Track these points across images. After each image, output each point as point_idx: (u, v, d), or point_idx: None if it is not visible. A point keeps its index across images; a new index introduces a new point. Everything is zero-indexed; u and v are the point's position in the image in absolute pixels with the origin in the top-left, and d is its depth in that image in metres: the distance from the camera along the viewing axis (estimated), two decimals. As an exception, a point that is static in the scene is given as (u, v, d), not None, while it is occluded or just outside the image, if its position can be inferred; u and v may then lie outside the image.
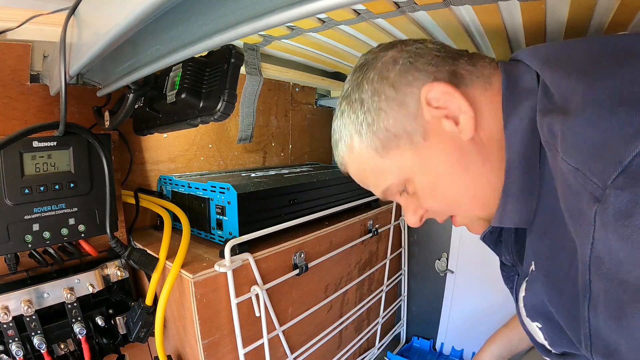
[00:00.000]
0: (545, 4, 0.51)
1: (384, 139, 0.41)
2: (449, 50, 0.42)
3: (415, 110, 0.40)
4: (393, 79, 0.40)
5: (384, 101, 0.41)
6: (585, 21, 0.57)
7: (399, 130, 0.40)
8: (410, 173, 0.42)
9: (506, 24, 0.61)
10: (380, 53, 0.43)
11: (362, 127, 0.42)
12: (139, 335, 0.62)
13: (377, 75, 0.41)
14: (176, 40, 0.33)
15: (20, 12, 0.51)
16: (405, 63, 0.40)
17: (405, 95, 0.40)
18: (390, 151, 0.41)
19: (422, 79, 0.39)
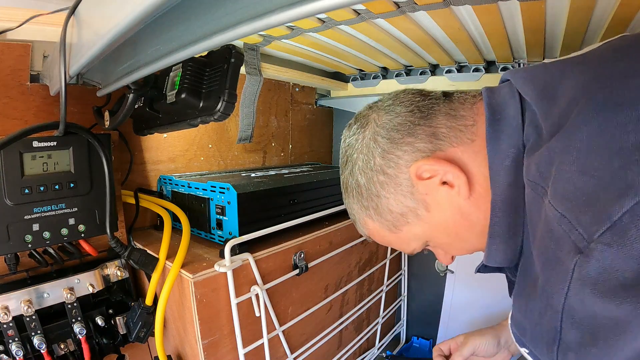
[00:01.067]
0: (545, 4, 0.51)
1: (392, 219, 0.44)
2: (423, 108, 0.42)
3: (410, 187, 0.41)
4: (380, 165, 0.42)
5: (380, 186, 0.43)
6: (585, 21, 0.57)
7: (402, 208, 0.43)
8: (426, 237, 0.45)
9: (506, 24, 0.61)
10: (360, 134, 0.45)
11: (370, 211, 0.45)
12: (139, 335, 0.62)
13: (363, 162, 0.44)
14: (176, 40, 0.33)
15: (20, 12, 0.51)
16: (384, 142, 0.42)
17: (396, 177, 0.42)
18: (402, 227, 0.44)
19: (406, 156, 0.41)
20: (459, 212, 0.41)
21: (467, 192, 0.39)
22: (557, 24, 0.59)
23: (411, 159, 0.41)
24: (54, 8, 0.51)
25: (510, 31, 0.64)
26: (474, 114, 0.41)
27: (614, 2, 0.49)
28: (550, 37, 0.66)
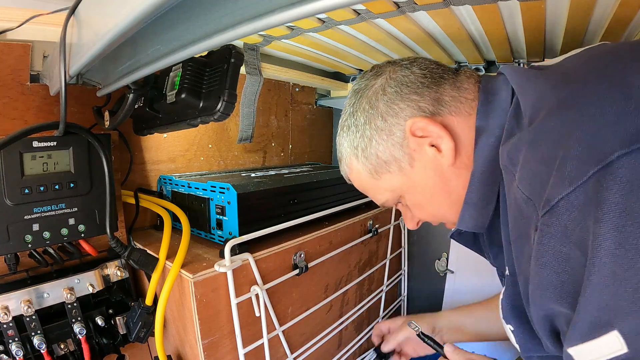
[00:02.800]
0: (545, 4, 0.51)
1: (375, 164, 0.47)
2: (435, 74, 0.45)
3: (402, 140, 0.44)
4: (382, 110, 0.45)
5: (375, 130, 0.45)
6: (585, 21, 0.57)
7: (388, 157, 0.46)
8: (402, 192, 0.48)
9: (506, 24, 0.61)
10: (372, 81, 0.47)
11: (358, 151, 0.48)
12: (139, 335, 0.62)
13: (368, 104, 0.46)
14: (176, 40, 0.33)
15: (20, 12, 0.51)
16: (392, 93, 0.45)
17: (393, 125, 0.44)
18: (382, 175, 0.47)
19: (408, 110, 0.44)
20: (440, 175, 0.44)
21: (452, 159, 0.43)
22: (557, 24, 0.59)
23: (411, 114, 0.43)
24: (54, 8, 0.51)
25: (510, 31, 0.64)
26: (477, 90, 0.44)
27: (614, 2, 0.49)
28: (550, 37, 0.66)
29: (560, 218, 0.28)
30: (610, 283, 0.26)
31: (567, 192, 0.28)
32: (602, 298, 0.26)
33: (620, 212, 0.25)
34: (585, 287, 0.27)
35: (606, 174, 0.26)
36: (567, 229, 0.28)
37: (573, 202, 0.27)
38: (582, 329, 0.28)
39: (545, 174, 0.30)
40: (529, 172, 0.32)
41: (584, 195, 0.27)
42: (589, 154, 0.27)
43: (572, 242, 0.28)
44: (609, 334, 0.26)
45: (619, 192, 0.25)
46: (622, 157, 0.25)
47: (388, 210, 1.03)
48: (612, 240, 0.25)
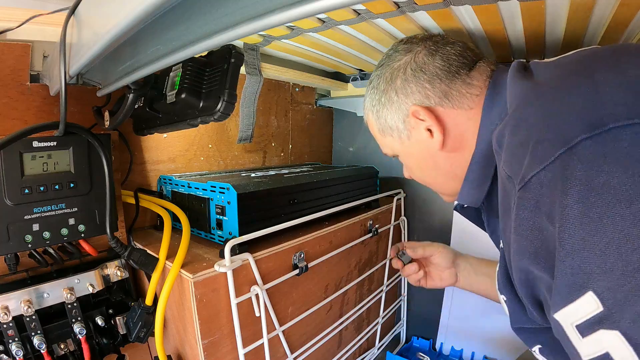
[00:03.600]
0: (545, 4, 0.51)
1: (384, 126, 0.56)
2: (452, 67, 0.50)
3: (405, 116, 0.52)
4: (398, 86, 0.52)
5: (388, 100, 0.54)
6: (585, 21, 0.57)
7: (393, 125, 0.55)
8: (399, 153, 0.58)
9: (506, 24, 0.61)
10: (401, 55, 0.53)
11: (374, 110, 0.57)
12: (139, 335, 0.62)
13: (390, 76, 0.54)
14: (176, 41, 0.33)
15: (20, 12, 0.51)
16: (410, 75, 0.51)
17: (402, 102, 0.52)
18: (386, 135, 0.57)
19: (417, 95, 0.51)
20: (429, 154, 0.53)
21: (440, 146, 0.50)
22: (557, 24, 0.59)
23: (418, 99, 0.51)
24: (54, 8, 0.51)
25: (510, 31, 0.64)
26: (484, 86, 0.49)
27: (614, 2, 0.49)
28: (550, 37, 0.66)
29: (532, 192, 0.33)
30: (581, 248, 0.29)
31: (537, 170, 0.32)
32: (575, 263, 0.29)
33: (583, 186, 0.29)
34: (558, 254, 0.31)
35: (571, 154, 0.30)
36: (539, 202, 0.32)
37: (542, 179, 0.32)
38: (562, 294, 0.31)
39: (521, 155, 0.34)
40: (509, 154, 0.37)
41: (551, 173, 0.31)
42: (557, 138, 0.31)
43: (543, 213, 0.32)
44: (586, 295, 0.29)
45: (582, 169, 0.29)
46: (585, 140, 0.30)
47: (388, 210, 1.03)
48: (579, 211, 0.29)
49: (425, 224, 1.15)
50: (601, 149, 0.29)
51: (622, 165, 0.28)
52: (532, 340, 0.47)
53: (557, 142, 0.31)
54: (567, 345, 0.32)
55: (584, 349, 0.30)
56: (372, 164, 1.06)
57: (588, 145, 0.29)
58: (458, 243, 1.08)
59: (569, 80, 0.35)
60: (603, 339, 0.28)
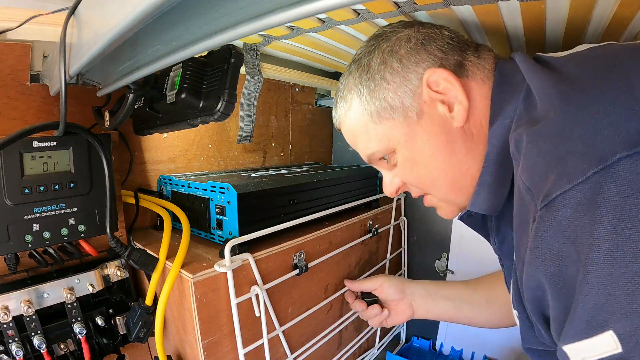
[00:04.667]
0: (545, 4, 0.51)
1: (380, 107, 0.44)
2: (460, 41, 0.44)
3: (416, 88, 0.42)
4: (402, 54, 0.43)
5: (389, 72, 0.43)
6: (585, 21, 0.57)
7: (397, 102, 0.43)
8: (397, 145, 0.45)
9: (506, 24, 0.61)
10: (398, 29, 0.45)
11: (364, 90, 0.45)
12: (139, 335, 0.62)
13: (389, 47, 0.44)
14: (176, 41, 0.33)
15: (20, 12, 0.51)
16: (417, 43, 0.43)
17: (410, 72, 0.42)
18: (384, 120, 0.45)
19: (429, 61, 0.42)
20: (445, 134, 0.42)
21: (463, 121, 0.41)
22: (557, 24, 0.59)
23: (432, 65, 0.42)
24: (54, 8, 0.51)
25: (510, 31, 0.64)
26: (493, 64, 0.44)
27: (614, 2, 0.49)
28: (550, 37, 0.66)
29: (556, 214, 0.29)
30: (607, 284, 0.26)
31: (565, 188, 0.28)
32: (599, 299, 0.27)
33: (619, 215, 0.25)
34: (581, 286, 0.28)
35: (607, 175, 0.26)
36: (562, 225, 0.28)
37: (570, 200, 0.28)
38: (577, 328, 0.28)
39: (544, 166, 0.30)
40: (530, 163, 0.32)
41: (581, 194, 0.27)
42: (591, 153, 0.27)
43: (567, 238, 0.28)
44: (604, 333, 0.26)
45: (619, 194, 0.25)
46: (624, 159, 0.25)
47: (388, 210, 1.03)
48: (610, 243, 0.25)
49: (425, 224, 1.15)
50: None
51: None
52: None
53: (591, 158, 0.27)
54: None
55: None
56: (372, 164, 1.06)
57: (627, 165, 0.25)
58: (458, 243, 1.08)
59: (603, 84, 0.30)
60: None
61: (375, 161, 0.50)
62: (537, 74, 0.36)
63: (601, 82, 0.30)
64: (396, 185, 0.50)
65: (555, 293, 0.31)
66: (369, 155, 0.49)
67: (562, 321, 0.31)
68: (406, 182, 0.49)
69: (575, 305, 0.28)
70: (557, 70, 0.36)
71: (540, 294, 0.34)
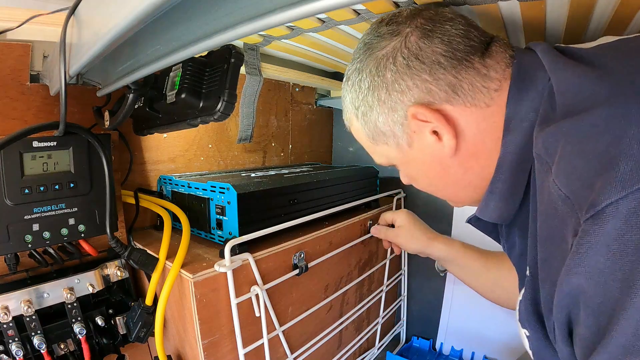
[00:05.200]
0: (545, 4, 0.51)
1: (374, 132, 0.44)
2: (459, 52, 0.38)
3: (403, 119, 0.41)
4: (388, 81, 0.40)
5: (377, 101, 0.42)
6: (586, 21, 0.57)
7: (387, 130, 0.43)
8: (397, 163, 0.47)
9: (506, 24, 0.61)
10: (384, 41, 0.41)
11: (358, 112, 0.45)
12: (139, 335, 0.62)
13: (375, 69, 0.41)
14: (176, 41, 0.33)
15: (20, 12, 0.51)
16: (402, 65, 0.39)
17: (396, 102, 0.41)
18: (379, 144, 0.46)
19: (415, 91, 0.39)
20: (438, 162, 0.42)
21: (452, 152, 0.40)
22: (557, 23, 0.59)
23: (417, 97, 0.39)
24: (54, 8, 0.51)
25: (510, 31, 0.64)
26: (503, 77, 0.39)
27: (614, 2, 0.49)
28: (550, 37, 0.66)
29: (603, 226, 0.25)
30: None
31: (617, 196, 0.24)
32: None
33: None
34: (624, 309, 0.25)
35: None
36: (609, 239, 0.25)
37: (622, 210, 0.24)
38: (612, 352, 0.26)
39: (589, 171, 0.26)
40: (569, 167, 0.28)
41: (636, 203, 0.24)
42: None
43: (612, 253, 0.25)
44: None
45: None
46: None
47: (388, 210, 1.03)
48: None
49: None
50: None
51: None
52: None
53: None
54: None
55: None
56: (372, 164, 1.06)
57: None
58: (458, 243, 1.08)
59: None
60: None
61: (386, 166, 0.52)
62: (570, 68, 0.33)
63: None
64: (407, 182, 0.52)
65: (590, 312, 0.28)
66: (379, 163, 0.51)
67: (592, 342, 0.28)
68: None
69: (613, 329, 0.26)
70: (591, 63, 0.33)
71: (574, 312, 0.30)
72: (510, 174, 0.38)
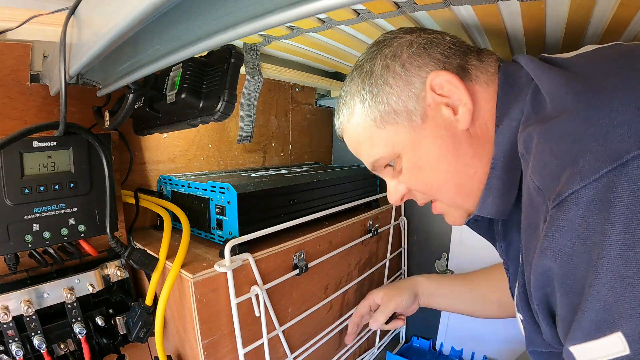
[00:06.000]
0: (545, 4, 0.51)
1: (384, 112, 0.44)
2: (462, 45, 0.45)
3: (419, 92, 0.42)
4: (405, 59, 0.43)
5: (392, 77, 0.43)
6: (585, 21, 0.57)
7: (400, 107, 0.43)
8: (402, 150, 0.45)
9: (506, 24, 0.61)
10: (400, 35, 0.45)
11: (367, 96, 0.45)
12: (139, 335, 0.62)
13: (391, 52, 0.44)
14: (176, 40, 0.33)
15: (20, 12, 0.51)
16: (419, 47, 0.43)
17: (413, 75, 0.42)
18: (388, 125, 0.44)
19: (432, 65, 0.42)
20: (451, 137, 0.42)
21: (468, 124, 0.41)
22: (557, 24, 0.59)
23: (435, 68, 0.42)
24: (54, 8, 0.51)
25: (510, 31, 0.64)
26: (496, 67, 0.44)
27: (614, 2, 0.49)
28: (550, 37, 0.66)
29: (567, 213, 0.28)
30: (618, 285, 0.26)
31: (577, 187, 0.28)
32: (608, 299, 0.26)
33: (631, 215, 0.25)
34: (591, 286, 0.27)
35: (620, 173, 0.26)
36: (573, 224, 0.28)
37: (582, 198, 0.27)
38: (585, 328, 0.28)
39: (556, 166, 0.30)
40: (540, 163, 0.32)
41: (593, 192, 0.27)
42: (604, 151, 0.27)
43: (577, 236, 0.28)
44: (612, 335, 0.26)
45: (632, 194, 0.25)
46: (638, 158, 0.25)
47: (388, 210, 1.03)
48: (622, 243, 0.25)
49: (425, 224, 1.15)
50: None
51: None
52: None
53: (605, 157, 0.27)
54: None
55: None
56: (372, 164, 1.06)
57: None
58: (458, 243, 1.08)
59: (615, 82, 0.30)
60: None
61: (380, 169, 0.50)
62: (547, 74, 0.36)
63: (613, 81, 0.30)
64: (401, 193, 0.49)
65: (564, 292, 0.31)
66: (374, 162, 0.48)
67: (569, 321, 0.31)
68: (412, 189, 0.49)
69: (584, 306, 0.28)
70: (567, 69, 0.36)
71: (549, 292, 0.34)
72: (503, 171, 0.41)
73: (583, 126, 0.29)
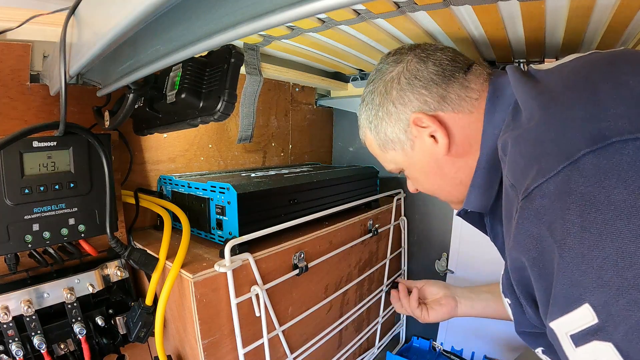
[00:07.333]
0: (545, 4, 0.51)
1: (383, 141, 0.55)
2: (446, 72, 0.49)
3: (406, 126, 0.51)
4: (394, 98, 0.51)
5: (386, 113, 0.52)
6: (585, 21, 0.57)
7: (394, 138, 0.53)
8: (403, 166, 0.56)
9: (506, 24, 0.61)
10: (391, 67, 0.53)
11: (372, 125, 0.55)
12: (139, 335, 0.62)
13: (384, 89, 0.53)
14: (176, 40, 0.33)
15: (20, 12, 0.51)
16: (404, 84, 0.51)
17: (401, 113, 0.51)
18: (388, 150, 0.55)
19: (415, 103, 0.50)
20: (435, 161, 0.52)
21: (445, 151, 0.49)
22: (557, 24, 0.59)
23: (417, 107, 0.50)
24: (54, 8, 0.51)
25: (510, 31, 0.64)
26: (482, 89, 0.49)
27: (614, 2, 0.49)
28: (550, 37, 0.66)
29: (533, 203, 0.33)
30: (580, 262, 0.30)
31: (540, 181, 0.32)
32: (573, 275, 0.30)
33: (584, 201, 0.29)
34: (557, 265, 0.31)
35: (574, 168, 0.31)
36: (540, 213, 0.33)
37: (544, 191, 0.32)
38: (558, 304, 0.32)
39: (525, 166, 0.35)
40: (513, 164, 0.38)
41: (554, 185, 0.32)
42: (560, 151, 0.32)
43: (543, 223, 0.32)
44: (582, 307, 0.30)
45: (584, 184, 0.30)
46: (588, 155, 0.30)
47: (388, 210, 1.03)
48: (579, 225, 0.30)
49: (425, 224, 1.15)
50: (603, 164, 0.29)
51: (623, 181, 0.28)
52: (535, 344, 0.48)
53: (561, 156, 0.32)
54: (560, 353, 0.33)
55: (576, 358, 0.31)
56: (372, 164, 1.06)
57: (590, 159, 0.30)
58: (458, 243, 1.08)
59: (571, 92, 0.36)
60: (596, 349, 0.29)
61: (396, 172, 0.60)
62: (522, 87, 0.42)
63: (570, 93, 0.36)
64: (413, 188, 0.61)
65: (537, 275, 0.35)
66: (389, 170, 0.60)
67: (546, 301, 0.34)
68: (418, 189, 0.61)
69: (555, 284, 0.32)
70: (539, 82, 0.41)
71: (525, 276, 0.37)
72: (486, 171, 0.48)
73: (545, 132, 0.35)
